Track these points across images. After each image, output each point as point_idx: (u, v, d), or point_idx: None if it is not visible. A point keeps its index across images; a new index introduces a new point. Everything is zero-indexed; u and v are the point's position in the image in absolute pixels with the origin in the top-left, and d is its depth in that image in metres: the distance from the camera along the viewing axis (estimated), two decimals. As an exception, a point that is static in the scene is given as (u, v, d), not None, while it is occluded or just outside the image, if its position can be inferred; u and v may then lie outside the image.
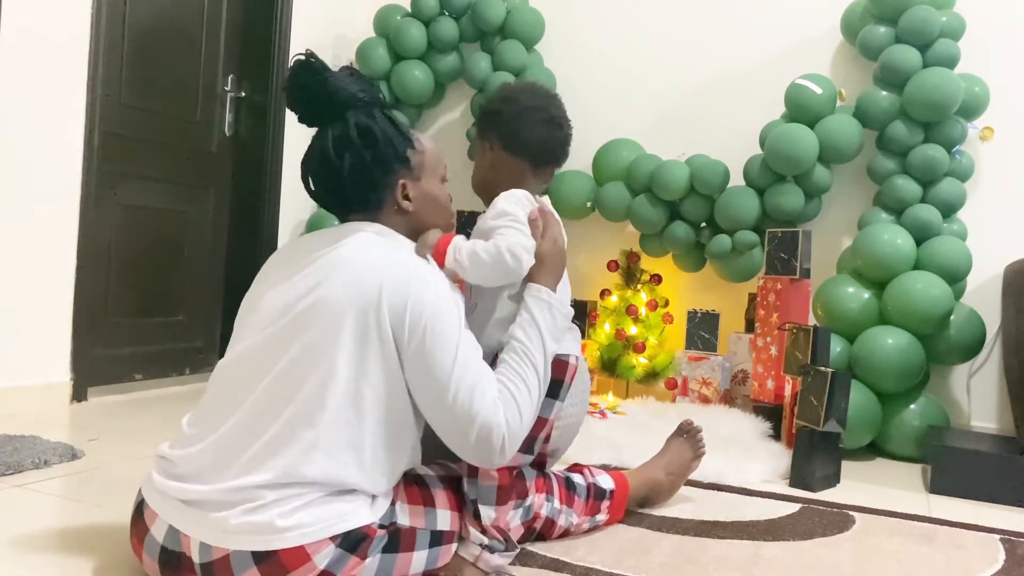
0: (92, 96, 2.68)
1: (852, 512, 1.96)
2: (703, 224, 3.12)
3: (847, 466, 2.36)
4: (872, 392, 2.53)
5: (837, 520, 1.88)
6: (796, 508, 1.96)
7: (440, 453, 1.36)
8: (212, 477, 1.18)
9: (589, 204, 3.31)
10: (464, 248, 1.36)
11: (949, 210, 2.75)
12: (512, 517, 1.42)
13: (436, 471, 1.38)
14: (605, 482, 1.68)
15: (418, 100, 3.58)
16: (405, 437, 1.27)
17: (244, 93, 3.45)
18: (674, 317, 3.26)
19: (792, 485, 2.18)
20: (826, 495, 2.12)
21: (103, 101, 2.75)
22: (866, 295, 2.63)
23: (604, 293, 3.35)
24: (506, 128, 1.54)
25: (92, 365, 2.78)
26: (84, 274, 2.69)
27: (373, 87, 1.34)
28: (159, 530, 1.21)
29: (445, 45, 3.49)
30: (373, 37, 3.59)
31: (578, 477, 1.65)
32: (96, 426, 2.40)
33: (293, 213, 3.54)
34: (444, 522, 1.31)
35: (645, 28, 3.49)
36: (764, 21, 3.30)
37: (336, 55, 3.74)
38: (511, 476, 1.38)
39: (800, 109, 2.87)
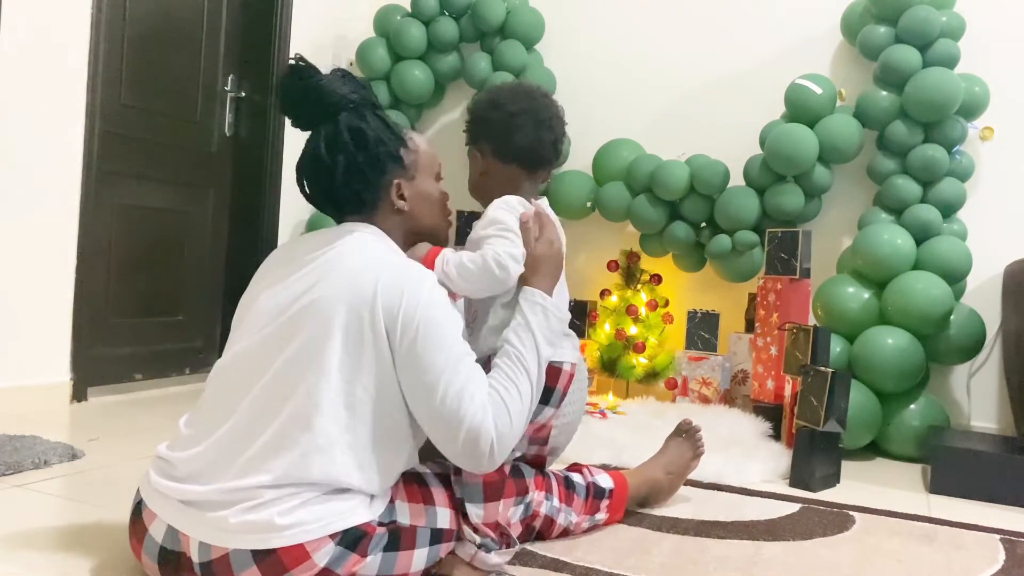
0: (92, 96, 2.68)
1: (852, 512, 1.96)
2: (703, 224, 3.12)
3: (847, 466, 2.36)
4: (872, 392, 2.53)
5: (837, 520, 1.88)
6: (796, 508, 1.96)
7: (435, 450, 1.36)
8: (211, 478, 1.19)
9: (589, 204, 3.31)
10: (452, 260, 1.35)
11: (949, 210, 2.75)
12: (512, 514, 1.42)
13: (433, 468, 1.38)
14: (604, 481, 1.68)
15: (418, 100, 3.58)
16: (402, 437, 1.27)
17: (244, 93, 3.45)
18: (674, 317, 3.26)
19: (792, 485, 2.18)
20: (826, 495, 2.12)
21: (103, 101, 2.75)
22: (866, 295, 2.63)
23: (604, 293, 3.35)
24: (494, 135, 1.52)
25: (92, 365, 2.78)
26: (84, 274, 2.69)
27: (365, 88, 1.34)
28: (158, 530, 1.21)
29: (445, 45, 3.49)
30: (373, 37, 3.59)
31: (577, 476, 1.65)
32: (96, 426, 2.40)
33: (293, 213, 3.54)
34: (444, 520, 1.32)
35: (645, 28, 3.49)
36: (764, 21, 3.30)
37: (336, 55, 3.74)
38: (499, 473, 1.37)
39: (800, 109, 2.87)
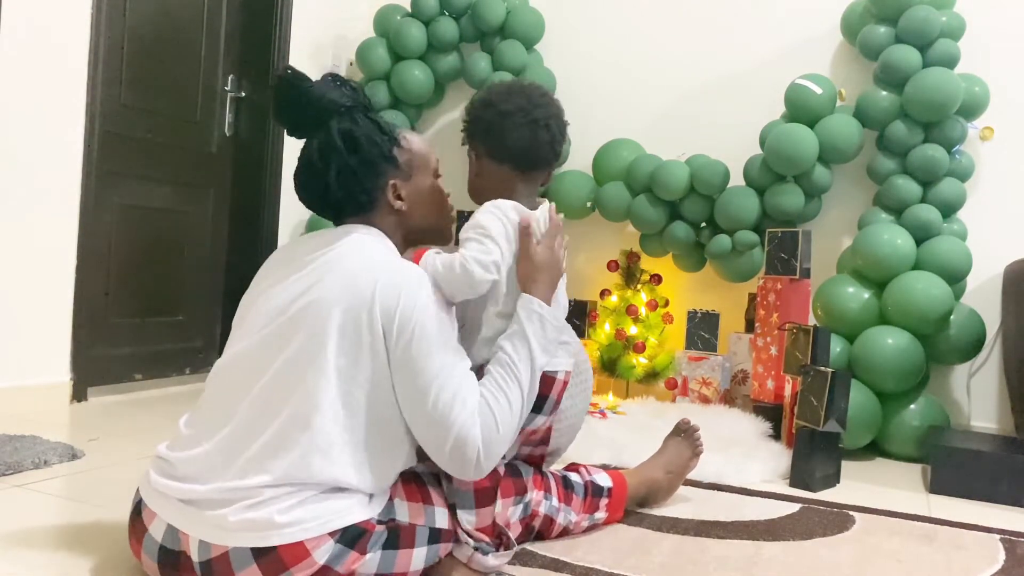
0: (92, 96, 2.68)
1: (852, 512, 1.96)
2: (703, 224, 3.12)
3: (847, 466, 2.36)
4: (872, 392, 2.53)
5: (837, 520, 1.88)
6: (796, 508, 1.96)
7: None
8: (211, 477, 1.19)
9: (589, 204, 3.31)
10: (430, 263, 1.34)
11: (949, 210, 2.75)
12: (511, 514, 1.41)
13: (431, 468, 1.37)
14: (603, 480, 1.68)
15: (418, 100, 3.58)
16: (400, 438, 1.26)
17: (244, 93, 3.45)
18: (674, 317, 3.26)
19: (792, 485, 2.18)
20: (826, 495, 2.12)
21: (103, 101, 2.75)
22: (866, 295, 2.63)
23: (604, 293, 3.35)
24: (487, 136, 1.48)
25: (92, 365, 2.78)
26: (84, 274, 2.69)
27: (357, 92, 1.34)
28: (158, 529, 1.21)
29: (445, 45, 3.49)
30: (373, 37, 3.59)
31: (575, 475, 1.65)
32: (96, 426, 2.40)
33: (293, 213, 3.53)
34: (443, 520, 1.31)
35: (645, 28, 3.49)
36: (764, 21, 3.30)
37: (336, 55, 3.74)
38: (491, 479, 1.36)
39: (800, 109, 2.87)
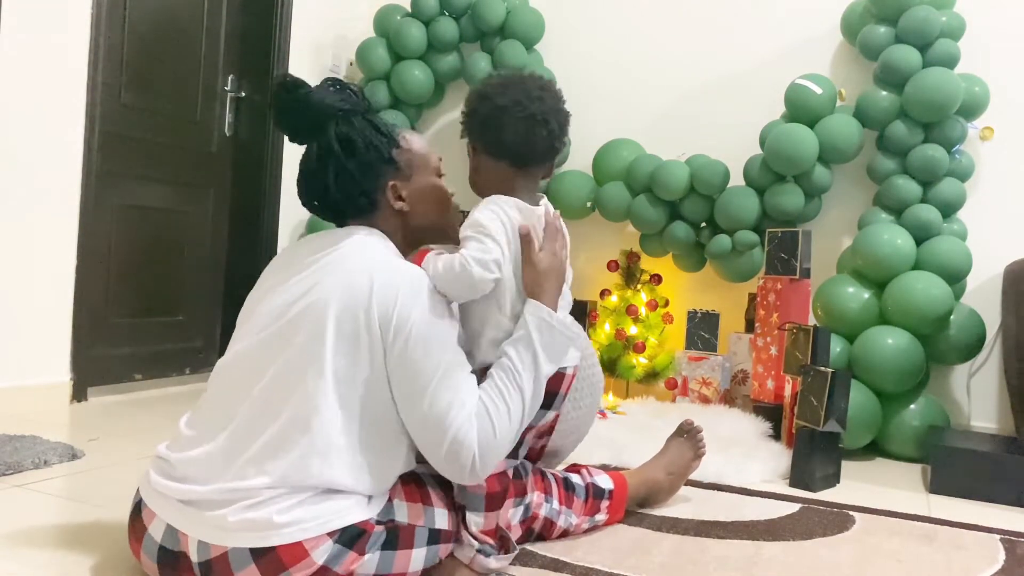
0: (92, 96, 2.68)
1: (852, 512, 1.96)
2: (703, 224, 3.12)
3: (847, 466, 2.36)
4: (872, 392, 2.53)
5: (837, 520, 1.88)
6: (796, 508, 1.96)
7: None
8: (210, 478, 1.19)
9: (589, 204, 3.31)
10: (431, 263, 1.31)
11: (949, 210, 2.75)
12: (512, 516, 1.41)
13: (431, 469, 1.35)
14: (604, 482, 1.68)
15: (418, 100, 3.58)
16: (399, 440, 1.26)
17: (244, 93, 3.44)
18: (674, 317, 3.26)
19: (792, 485, 2.18)
20: (826, 495, 2.12)
21: (103, 101, 2.75)
22: (866, 295, 2.63)
23: (604, 293, 3.35)
24: (483, 131, 1.42)
25: (92, 365, 2.78)
26: (84, 274, 2.69)
27: (357, 95, 1.34)
28: (157, 529, 1.21)
29: (445, 45, 3.49)
30: (373, 37, 3.59)
31: (576, 477, 1.64)
32: (96, 426, 2.40)
33: (293, 213, 3.53)
34: (442, 521, 1.31)
35: (645, 28, 3.49)
36: (764, 21, 3.30)
37: (336, 55, 3.74)
38: (501, 483, 1.36)
39: (800, 109, 2.87)
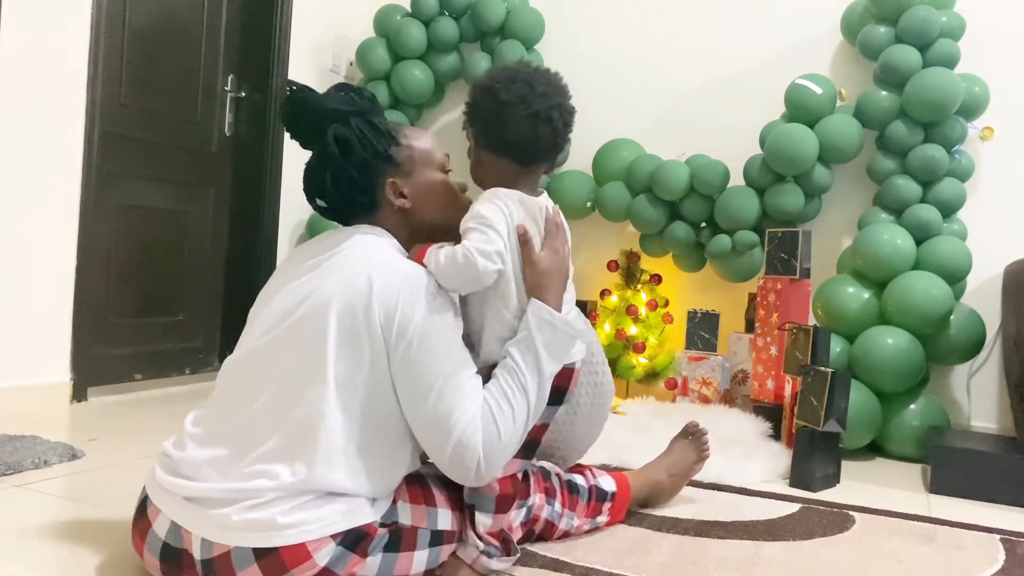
0: (92, 96, 2.68)
1: (852, 512, 1.96)
2: (703, 224, 3.12)
3: (847, 466, 2.36)
4: (872, 392, 2.53)
5: (837, 520, 1.88)
6: (796, 508, 1.96)
7: None
8: (215, 477, 1.19)
9: (589, 204, 3.31)
10: (432, 257, 1.30)
11: (949, 210, 2.75)
12: (514, 517, 1.41)
13: (435, 469, 1.35)
14: (607, 484, 1.68)
15: (418, 100, 3.58)
16: (403, 442, 1.26)
17: (244, 93, 3.44)
18: (674, 317, 3.26)
19: (792, 485, 2.18)
20: (826, 495, 2.12)
21: (103, 101, 2.74)
22: (866, 295, 2.63)
23: (604, 293, 3.35)
24: (485, 126, 1.38)
25: (92, 365, 2.78)
26: (84, 274, 2.69)
27: (363, 98, 1.34)
28: (161, 526, 1.21)
29: (445, 45, 3.49)
30: (373, 37, 3.59)
31: (580, 479, 1.64)
32: (96, 426, 2.40)
33: (293, 213, 3.54)
34: (445, 522, 1.31)
35: (645, 28, 3.49)
36: (764, 21, 3.30)
37: (336, 55, 3.74)
38: (512, 485, 1.35)
39: (800, 109, 2.87)
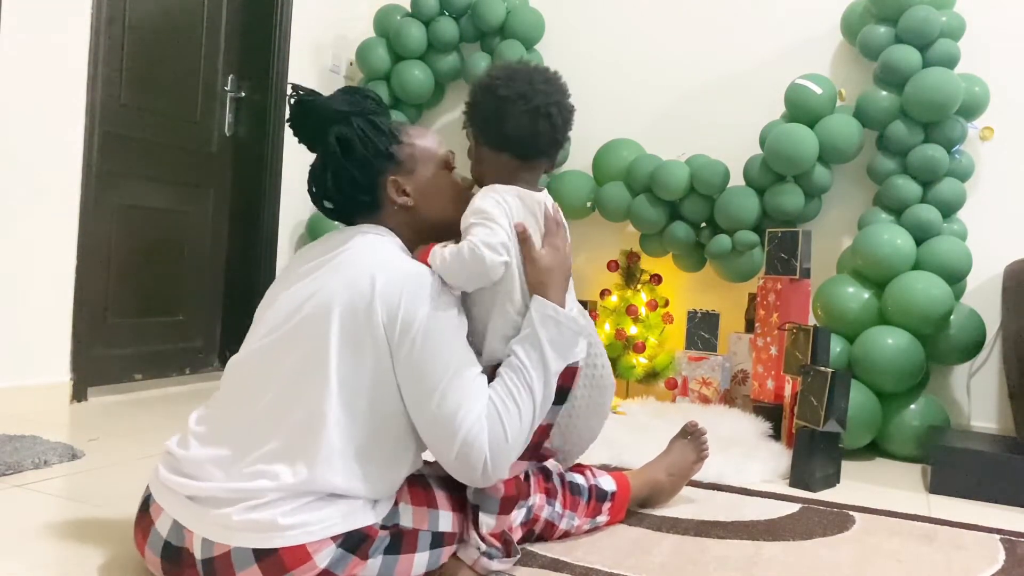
0: (92, 96, 2.68)
1: (852, 512, 1.96)
2: (703, 224, 3.12)
3: (847, 466, 2.36)
4: (872, 392, 2.53)
5: (837, 520, 1.88)
6: (796, 508, 1.96)
7: None
8: (217, 476, 1.19)
9: (589, 204, 3.31)
10: (437, 255, 1.30)
11: (949, 210, 2.75)
12: (514, 518, 1.41)
13: (437, 470, 1.36)
14: (607, 484, 1.68)
15: (418, 100, 3.58)
16: (405, 444, 1.26)
17: (244, 93, 3.44)
18: (674, 317, 3.26)
19: (792, 485, 2.18)
20: (826, 495, 2.12)
21: (103, 101, 2.74)
22: (866, 295, 2.63)
23: (604, 293, 3.35)
24: (485, 123, 1.38)
25: (92, 365, 2.78)
26: (84, 274, 2.69)
27: (367, 99, 1.34)
28: (163, 525, 1.21)
29: (445, 45, 3.49)
30: (373, 37, 3.59)
31: (580, 478, 1.64)
32: (96, 426, 2.40)
33: (293, 213, 3.54)
34: (446, 523, 1.31)
35: (645, 28, 3.49)
36: (764, 21, 3.30)
37: (336, 55, 3.74)
38: (517, 487, 1.35)
39: (800, 109, 2.87)
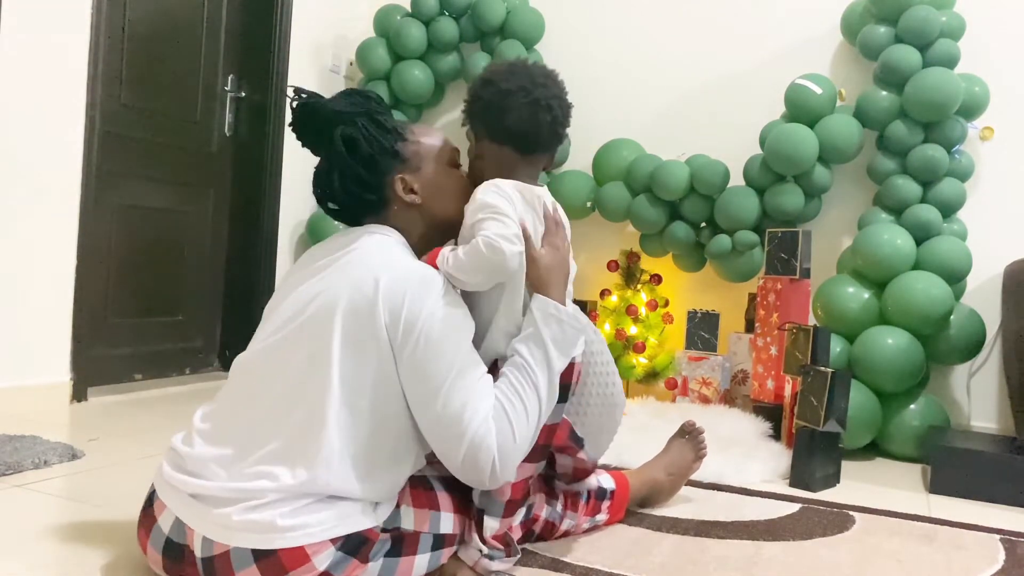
0: (92, 96, 2.68)
1: (852, 512, 1.96)
2: (703, 224, 3.12)
3: (847, 466, 2.36)
4: (872, 392, 2.53)
5: (837, 520, 1.88)
6: (796, 508, 1.97)
7: None
8: (219, 475, 1.19)
9: (589, 204, 3.31)
10: (448, 256, 1.29)
11: (949, 210, 2.75)
12: (514, 518, 1.41)
13: (440, 471, 1.35)
14: (606, 482, 1.68)
15: (418, 100, 3.58)
16: (407, 446, 1.26)
17: (244, 93, 3.44)
18: (674, 317, 3.26)
19: (792, 485, 2.18)
20: (826, 495, 2.12)
21: (103, 101, 2.74)
22: (866, 295, 2.63)
23: (604, 293, 3.35)
24: (486, 115, 1.40)
25: (92, 365, 2.78)
26: (84, 274, 2.69)
27: (370, 100, 1.34)
28: (166, 522, 1.21)
29: (445, 45, 3.49)
30: (373, 37, 3.59)
31: (580, 478, 1.64)
32: (96, 426, 2.40)
33: (293, 213, 3.54)
34: (447, 525, 1.31)
35: (645, 28, 3.49)
36: (764, 21, 3.30)
37: (336, 55, 3.74)
38: (523, 491, 1.35)
39: (800, 109, 2.87)
